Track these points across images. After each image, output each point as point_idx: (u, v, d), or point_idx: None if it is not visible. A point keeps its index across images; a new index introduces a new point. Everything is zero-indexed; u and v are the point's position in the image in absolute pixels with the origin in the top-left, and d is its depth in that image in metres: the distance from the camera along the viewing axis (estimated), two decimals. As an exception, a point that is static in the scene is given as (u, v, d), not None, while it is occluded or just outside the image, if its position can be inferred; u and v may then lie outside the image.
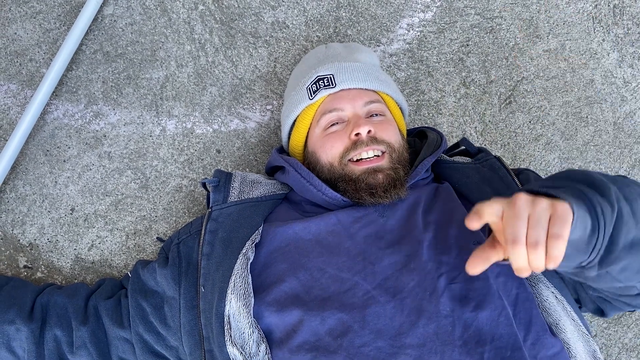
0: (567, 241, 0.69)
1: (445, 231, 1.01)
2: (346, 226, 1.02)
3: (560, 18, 1.42)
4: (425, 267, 0.95)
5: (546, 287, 0.97)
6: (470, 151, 1.19)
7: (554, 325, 0.95)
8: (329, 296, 0.94)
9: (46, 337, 1.11)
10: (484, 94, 1.41)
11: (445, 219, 1.03)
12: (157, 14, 1.38)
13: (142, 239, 1.34)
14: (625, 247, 0.77)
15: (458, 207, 1.04)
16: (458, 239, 0.99)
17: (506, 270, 0.97)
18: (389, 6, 1.42)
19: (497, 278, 0.96)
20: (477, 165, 1.12)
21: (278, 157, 1.16)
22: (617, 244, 0.76)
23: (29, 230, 1.32)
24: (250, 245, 1.02)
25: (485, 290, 0.93)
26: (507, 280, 0.96)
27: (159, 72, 1.37)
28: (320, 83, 1.13)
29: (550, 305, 0.96)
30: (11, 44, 1.36)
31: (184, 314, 1.04)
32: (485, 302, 0.92)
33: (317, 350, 0.89)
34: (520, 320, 0.93)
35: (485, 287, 0.94)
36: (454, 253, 0.97)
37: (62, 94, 1.36)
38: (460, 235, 1.00)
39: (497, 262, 0.76)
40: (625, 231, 0.76)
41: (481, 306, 0.91)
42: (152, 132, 1.36)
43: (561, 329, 0.94)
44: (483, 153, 1.16)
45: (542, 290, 0.97)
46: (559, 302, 0.96)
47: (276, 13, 1.40)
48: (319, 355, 0.89)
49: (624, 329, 1.36)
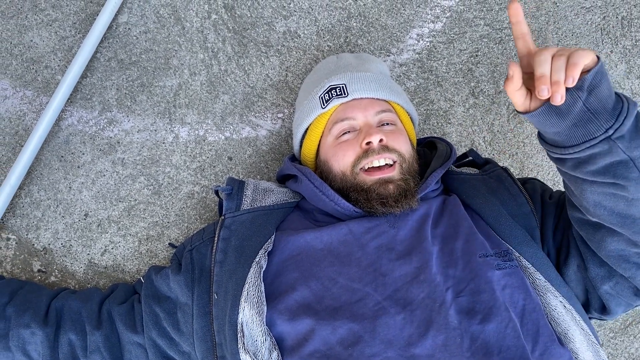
0: (595, 93, 0.80)
1: (451, 245, 1.02)
2: (357, 236, 1.04)
3: (568, 29, 1.44)
4: (435, 280, 0.97)
5: (554, 296, 0.98)
6: (478, 162, 1.20)
7: (562, 334, 0.96)
8: (340, 306, 0.96)
9: (61, 342, 1.12)
10: (493, 104, 1.42)
11: (451, 232, 1.04)
12: (171, 23, 1.41)
13: (154, 244, 1.36)
14: None
15: (464, 220, 1.06)
16: (464, 253, 1.01)
17: (512, 282, 0.98)
18: (399, 17, 1.43)
19: (503, 290, 0.97)
20: (484, 177, 1.14)
21: (291, 166, 1.18)
22: None
23: (43, 235, 1.34)
24: (263, 254, 1.03)
25: (491, 303, 0.94)
26: (513, 292, 0.97)
27: (172, 80, 1.40)
28: (333, 92, 1.15)
29: (558, 314, 0.97)
30: (27, 51, 1.38)
31: (197, 320, 1.05)
32: (491, 315, 0.93)
33: (328, 359, 0.91)
34: (527, 332, 0.94)
35: (492, 299, 0.95)
36: (461, 266, 0.99)
37: (76, 100, 1.38)
38: (466, 249, 1.01)
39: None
40: None
41: (488, 319, 0.93)
42: (165, 139, 1.38)
43: (570, 338, 0.96)
44: (490, 164, 1.18)
45: (551, 299, 0.98)
46: (568, 311, 0.97)
47: (288, 23, 1.42)
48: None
49: (630, 339, 1.37)
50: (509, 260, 1.00)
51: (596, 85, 0.80)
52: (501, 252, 1.01)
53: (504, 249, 1.02)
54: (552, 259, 1.04)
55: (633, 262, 0.93)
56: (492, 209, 1.07)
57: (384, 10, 1.43)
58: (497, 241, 1.03)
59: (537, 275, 0.99)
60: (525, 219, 1.05)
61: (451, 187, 1.15)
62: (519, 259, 1.01)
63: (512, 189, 1.10)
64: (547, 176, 1.41)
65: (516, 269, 0.99)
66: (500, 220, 1.05)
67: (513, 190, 1.10)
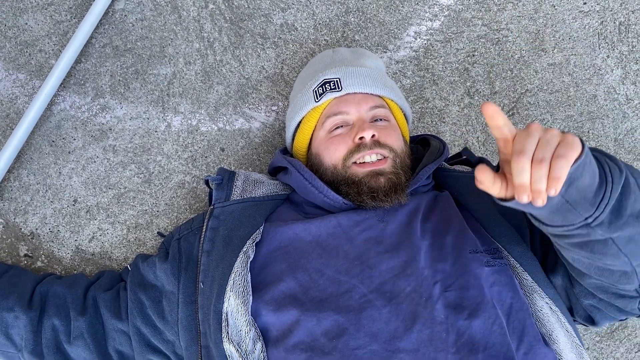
0: (576, 186, 0.72)
1: (442, 239, 1.02)
2: (346, 229, 1.03)
3: (566, 33, 1.44)
4: (422, 274, 0.96)
5: (541, 297, 0.98)
6: (471, 161, 1.20)
7: (547, 335, 0.96)
8: (326, 298, 0.95)
9: (44, 326, 1.12)
10: (488, 104, 1.42)
11: (442, 227, 1.04)
12: (168, 11, 1.40)
13: (142, 233, 1.35)
14: (632, 214, 0.79)
15: (455, 216, 1.06)
16: (454, 248, 1.00)
17: (501, 280, 0.98)
18: (397, 13, 1.43)
19: (491, 287, 0.97)
20: None
21: (282, 158, 1.17)
22: (625, 208, 0.78)
23: (31, 219, 1.33)
24: (250, 244, 1.03)
25: (479, 299, 0.94)
26: (501, 290, 0.97)
27: (167, 69, 1.39)
28: (327, 86, 1.15)
29: (544, 315, 0.97)
30: (22, 34, 1.37)
31: (182, 308, 1.05)
32: (479, 311, 0.93)
33: (312, 351, 0.91)
34: (513, 330, 0.94)
35: (480, 295, 0.95)
36: (450, 261, 0.99)
37: (70, 85, 1.37)
38: (456, 244, 1.01)
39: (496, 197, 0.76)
40: (633, 199, 0.79)
41: (475, 315, 0.92)
42: (157, 128, 1.37)
43: (554, 339, 0.95)
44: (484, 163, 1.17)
45: (537, 300, 0.98)
46: (553, 312, 0.97)
47: (285, 15, 1.42)
48: (313, 355, 0.90)
49: (616, 344, 1.37)
50: (499, 258, 1.00)
51: (577, 178, 0.72)
52: (491, 249, 1.01)
53: (494, 246, 1.02)
54: (540, 260, 1.03)
55: (612, 292, 0.93)
56: (483, 207, 1.07)
57: (383, 7, 1.43)
58: (488, 238, 1.03)
59: (525, 275, 0.99)
60: (515, 218, 1.05)
61: (444, 184, 1.15)
62: (507, 257, 1.01)
63: None
64: (539, 178, 1.41)
65: (505, 267, 0.99)
66: (490, 218, 1.05)
67: None
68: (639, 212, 0.80)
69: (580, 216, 0.77)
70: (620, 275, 0.87)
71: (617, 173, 0.77)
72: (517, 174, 0.68)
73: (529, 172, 0.68)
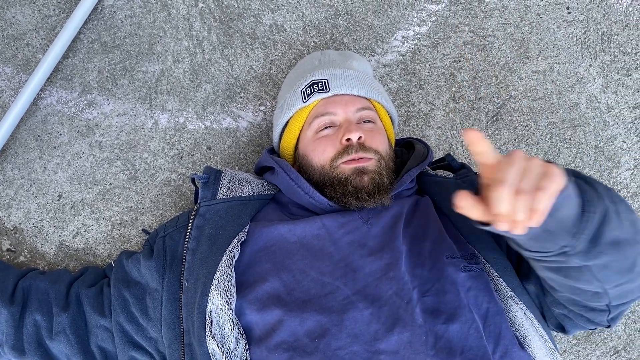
0: (556, 216, 0.71)
1: (420, 245, 1.03)
2: (331, 231, 1.04)
3: (550, 41, 1.46)
4: (404, 277, 0.98)
5: (515, 303, 1.00)
6: (453, 167, 1.22)
7: (522, 339, 0.98)
8: (309, 299, 0.96)
9: (26, 322, 1.11)
10: (472, 109, 1.44)
11: (420, 232, 1.05)
12: (157, 8, 1.40)
13: (127, 229, 1.35)
14: (609, 242, 0.80)
15: (434, 221, 1.07)
16: (431, 254, 1.02)
17: (477, 285, 1.00)
18: (385, 18, 1.45)
19: (467, 292, 0.99)
20: (458, 181, 1.15)
21: (269, 158, 1.18)
22: (603, 237, 0.79)
23: (14, 214, 1.33)
24: (236, 244, 1.04)
25: (456, 304, 0.96)
26: (477, 295, 0.99)
27: (155, 66, 1.39)
28: (315, 87, 1.16)
29: (518, 320, 0.99)
30: (9, 27, 1.36)
31: (166, 306, 1.05)
32: (455, 315, 0.95)
33: (294, 351, 0.92)
34: (489, 334, 0.96)
35: (456, 300, 0.97)
36: (428, 267, 1.00)
37: (56, 80, 1.36)
38: (434, 250, 1.02)
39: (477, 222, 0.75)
40: (610, 227, 0.79)
41: (452, 319, 0.94)
42: (144, 125, 1.37)
43: (529, 344, 0.98)
44: (465, 169, 1.20)
45: (511, 305, 1.00)
46: (528, 318, 0.99)
47: (275, 16, 1.42)
48: (295, 355, 0.91)
49: (592, 347, 1.40)
50: (475, 264, 1.02)
51: (558, 209, 0.71)
52: (468, 254, 1.03)
53: (470, 251, 1.04)
54: (514, 267, 1.05)
55: (582, 305, 0.96)
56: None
57: (371, 11, 1.44)
58: (465, 244, 1.05)
59: (500, 281, 1.01)
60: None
61: (424, 189, 1.17)
62: (483, 263, 1.03)
63: None
64: (521, 184, 1.43)
65: (482, 272, 1.01)
66: (468, 224, 1.06)
67: None
68: (615, 240, 0.80)
69: (558, 244, 0.78)
70: (591, 294, 0.90)
71: (596, 202, 0.78)
72: (498, 203, 0.67)
73: (509, 202, 0.67)
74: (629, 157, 1.45)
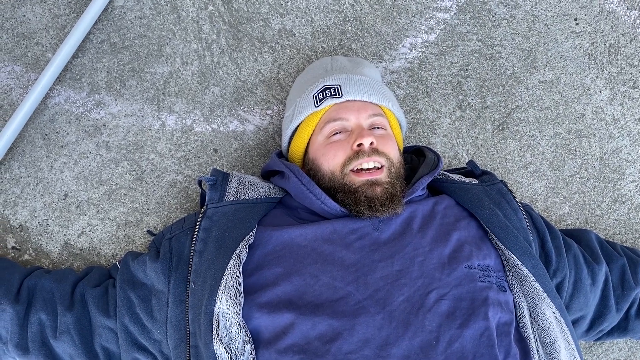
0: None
1: (440, 250, 1.04)
2: (342, 236, 1.05)
3: (557, 52, 1.47)
4: (416, 283, 0.99)
5: (549, 306, 1.02)
6: (475, 172, 1.23)
7: (549, 344, 1.00)
8: (321, 303, 0.97)
9: (31, 320, 1.11)
10: (479, 118, 1.45)
11: (441, 237, 1.06)
12: (167, 10, 1.40)
13: (132, 230, 1.35)
14: None
15: (455, 228, 1.08)
16: (451, 260, 1.03)
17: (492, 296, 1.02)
18: (394, 25, 1.45)
19: (484, 302, 1.00)
20: (485, 188, 1.17)
21: (278, 162, 1.18)
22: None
23: (20, 212, 1.33)
24: (243, 246, 1.04)
25: (471, 311, 0.97)
26: (493, 305, 1.01)
27: (164, 68, 1.39)
28: (327, 92, 1.16)
29: (549, 324, 1.01)
30: (19, 25, 1.37)
31: (172, 308, 1.05)
32: (470, 321, 0.96)
33: (305, 353, 0.92)
34: (501, 343, 0.97)
35: (472, 307, 0.98)
36: (447, 271, 1.01)
37: (65, 80, 1.37)
38: (454, 258, 1.04)
39: None
40: None
41: (466, 325, 0.95)
42: (151, 126, 1.38)
43: (556, 348, 0.99)
44: (488, 175, 1.21)
45: (545, 309, 1.02)
46: (559, 323, 1.02)
47: (284, 21, 1.43)
48: (306, 358, 0.91)
49: (593, 358, 1.40)
50: (488, 277, 1.03)
51: None
52: (483, 266, 1.05)
53: (486, 263, 1.05)
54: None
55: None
56: (499, 220, 1.10)
57: (380, 17, 1.45)
58: (483, 255, 1.06)
59: (536, 285, 1.04)
60: (524, 232, 1.11)
61: (453, 196, 1.17)
62: (521, 268, 1.05)
63: (513, 204, 1.16)
64: (525, 193, 1.44)
65: (493, 285, 1.03)
66: (507, 232, 1.09)
67: (513, 205, 1.16)
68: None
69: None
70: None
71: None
72: None
73: None
74: (634, 169, 1.46)
